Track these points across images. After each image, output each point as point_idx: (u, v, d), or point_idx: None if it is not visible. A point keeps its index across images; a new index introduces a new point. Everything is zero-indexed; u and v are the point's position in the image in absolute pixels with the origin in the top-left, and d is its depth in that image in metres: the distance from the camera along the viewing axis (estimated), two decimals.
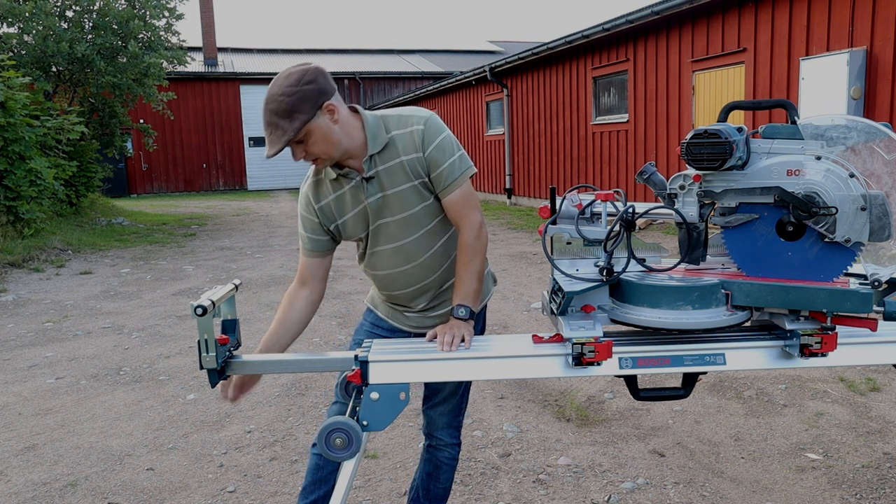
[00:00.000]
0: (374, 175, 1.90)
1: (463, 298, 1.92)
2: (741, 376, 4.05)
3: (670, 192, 1.76)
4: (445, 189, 1.91)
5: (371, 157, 1.88)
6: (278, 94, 1.75)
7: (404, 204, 1.92)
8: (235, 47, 29.05)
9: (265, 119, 1.78)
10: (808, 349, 1.66)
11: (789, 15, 7.89)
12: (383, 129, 1.90)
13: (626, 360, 1.72)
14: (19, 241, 9.00)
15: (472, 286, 1.94)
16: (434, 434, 2.25)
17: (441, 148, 1.89)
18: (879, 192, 1.60)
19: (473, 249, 1.93)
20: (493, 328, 5.37)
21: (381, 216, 1.94)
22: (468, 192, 1.94)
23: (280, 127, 1.75)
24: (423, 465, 2.33)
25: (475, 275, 1.94)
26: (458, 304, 1.91)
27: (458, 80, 17.39)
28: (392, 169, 1.90)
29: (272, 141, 1.76)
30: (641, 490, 2.84)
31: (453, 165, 1.90)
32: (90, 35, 13.77)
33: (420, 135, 1.89)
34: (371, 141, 1.87)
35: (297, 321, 2.03)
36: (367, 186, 1.91)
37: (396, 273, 2.02)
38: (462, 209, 1.92)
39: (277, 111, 1.75)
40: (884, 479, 2.85)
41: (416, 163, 1.89)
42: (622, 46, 10.95)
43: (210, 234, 12.30)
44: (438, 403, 2.22)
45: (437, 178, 1.90)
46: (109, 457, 3.28)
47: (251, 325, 5.60)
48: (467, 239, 1.93)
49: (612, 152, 11.46)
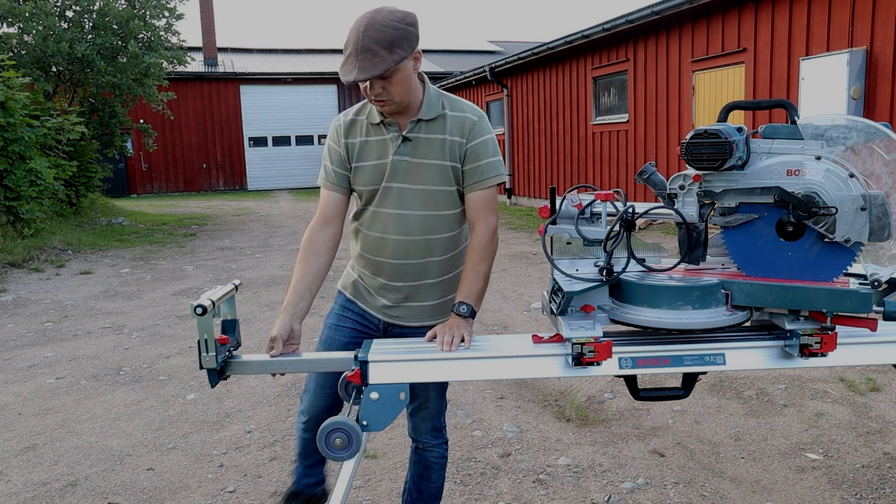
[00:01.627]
0: (412, 138, 1.93)
1: (467, 296, 1.92)
2: (741, 376, 4.05)
3: (670, 192, 1.77)
4: (475, 184, 1.95)
5: (419, 121, 1.92)
6: (382, 24, 1.74)
7: (427, 178, 1.94)
8: (235, 47, 29.03)
9: (360, 43, 1.73)
10: (807, 349, 1.66)
11: (789, 15, 7.89)
12: (440, 104, 1.95)
13: (625, 360, 1.72)
14: (19, 241, 9.00)
15: (478, 286, 1.95)
16: (419, 438, 2.26)
17: (485, 144, 1.95)
18: (879, 192, 1.60)
19: (485, 251, 1.95)
20: (493, 328, 5.37)
21: (399, 179, 1.95)
22: (493, 195, 1.98)
23: (379, 55, 1.73)
24: (412, 466, 2.33)
25: (482, 276, 1.95)
26: (461, 302, 1.91)
27: (458, 80, 17.39)
28: (432, 141, 1.93)
29: (365, 66, 1.74)
30: (641, 490, 2.84)
31: (490, 165, 1.95)
32: (90, 35, 13.76)
33: (471, 124, 1.94)
34: (426, 107, 1.92)
35: (323, 266, 2.01)
36: (400, 145, 1.93)
37: (389, 239, 2.00)
38: (483, 209, 1.95)
39: (379, 40, 1.73)
40: (884, 479, 2.85)
41: (456, 146, 1.93)
42: (622, 46, 10.95)
43: (210, 234, 12.30)
44: (420, 408, 2.21)
45: (471, 171, 1.94)
46: (109, 457, 3.28)
47: (251, 325, 5.60)
48: (481, 239, 1.95)
49: (612, 152, 11.45)
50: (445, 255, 2.05)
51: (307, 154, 25.68)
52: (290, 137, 25.82)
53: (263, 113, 25.53)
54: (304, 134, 25.79)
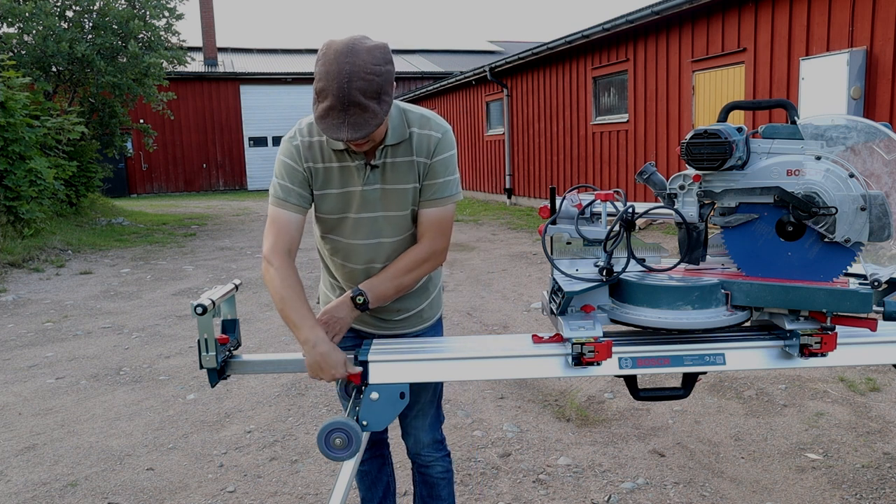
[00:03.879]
0: (380, 164, 1.80)
1: (371, 290, 1.82)
2: (741, 376, 4.05)
3: (670, 192, 1.77)
4: (430, 201, 1.84)
5: (385, 147, 1.78)
6: (367, 73, 1.56)
7: (400, 202, 1.84)
8: (235, 47, 29.04)
9: (346, 98, 1.55)
10: (807, 349, 1.66)
11: (789, 15, 7.89)
12: (404, 123, 1.81)
13: (625, 360, 1.72)
14: (19, 241, 9.00)
15: (387, 292, 1.84)
16: (421, 453, 2.17)
17: (445, 163, 1.83)
18: (879, 192, 1.60)
19: (415, 265, 1.84)
20: (493, 328, 5.37)
21: (370, 209, 1.84)
22: (448, 216, 1.86)
23: (369, 109, 1.57)
24: (419, 489, 2.24)
25: (397, 287, 1.85)
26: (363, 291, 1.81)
27: (458, 80, 17.39)
28: (400, 165, 1.81)
29: (357, 124, 1.58)
30: (641, 490, 2.84)
31: (448, 183, 1.84)
32: (90, 35, 13.77)
33: (436, 142, 1.82)
34: (391, 131, 1.77)
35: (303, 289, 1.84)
36: (369, 174, 1.80)
37: (370, 268, 1.90)
38: (433, 227, 1.85)
39: (366, 91, 1.56)
40: (884, 479, 2.85)
41: (422, 167, 1.82)
42: (622, 46, 10.95)
43: (210, 234, 12.30)
44: (416, 417, 2.12)
45: (428, 187, 1.83)
46: (109, 457, 3.28)
47: (251, 325, 5.60)
48: (418, 253, 1.85)
49: (612, 152, 11.46)
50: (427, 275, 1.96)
51: None
52: None
53: (263, 113, 25.54)
54: None
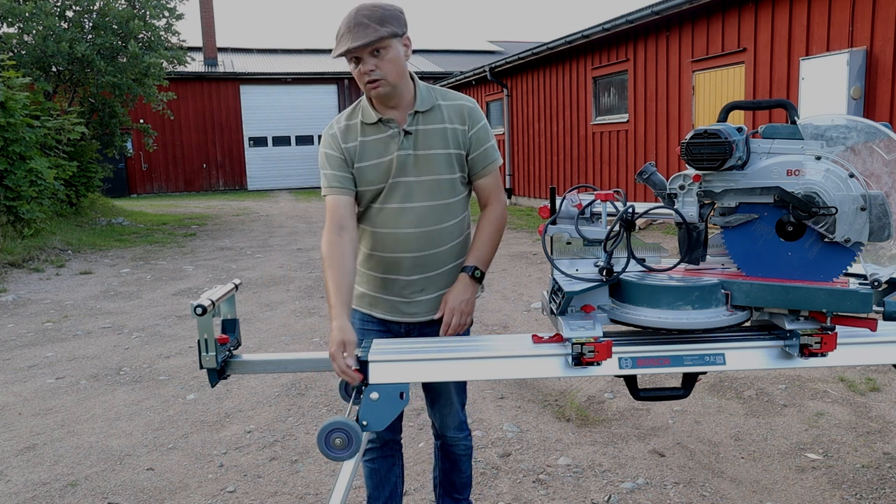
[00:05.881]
0: (413, 131, 1.96)
1: (478, 261, 2.02)
2: (741, 376, 4.05)
3: (670, 192, 1.76)
4: (484, 169, 2.04)
5: (416, 113, 1.96)
6: (373, 5, 1.84)
7: (433, 168, 1.98)
8: (235, 47, 29.03)
9: (353, 21, 1.81)
10: (807, 349, 1.66)
11: (789, 15, 7.89)
12: (433, 96, 2.01)
13: (625, 360, 1.72)
14: (19, 241, 9.00)
15: (489, 254, 2.05)
16: (447, 434, 2.32)
17: (486, 130, 2.03)
18: (879, 192, 1.60)
19: (500, 222, 2.07)
20: (493, 328, 5.37)
21: (405, 173, 1.97)
22: (498, 175, 2.12)
23: (371, 27, 1.81)
24: (440, 462, 2.40)
25: (495, 245, 2.06)
26: (475, 266, 2.01)
27: (458, 80, 17.39)
28: (432, 132, 1.97)
29: (357, 36, 1.80)
30: (641, 490, 2.84)
31: (494, 149, 2.05)
32: (90, 35, 13.77)
33: (469, 111, 2.01)
34: (420, 99, 1.97)
35: (353, 268, 1.94)
36: (402, 140, 1.95)
37: (402, 234, 2.00)
38: (495, 189, 2.08)
39: (371, 15, 1.82)
40: (884, 479, 2.85)
41: (458, 133, 1.99)
42: (622, 46, 10.95)
43: (210, 234, 12.30)
44: (444, 406, 2.26)
45: (479, 157, 2.02)
46: (109, 457, 3.28)
47: (251, 325, 5.60)
48: (497, 214, 2.06)
49: (612, 152, 11.46)
50: (454, 243, 2.08)
51: (307, 154, 25.67)
52: (290, 137, 25.82)
53: (263, 113, 25.53)
54: (304, 134, 25.78)
